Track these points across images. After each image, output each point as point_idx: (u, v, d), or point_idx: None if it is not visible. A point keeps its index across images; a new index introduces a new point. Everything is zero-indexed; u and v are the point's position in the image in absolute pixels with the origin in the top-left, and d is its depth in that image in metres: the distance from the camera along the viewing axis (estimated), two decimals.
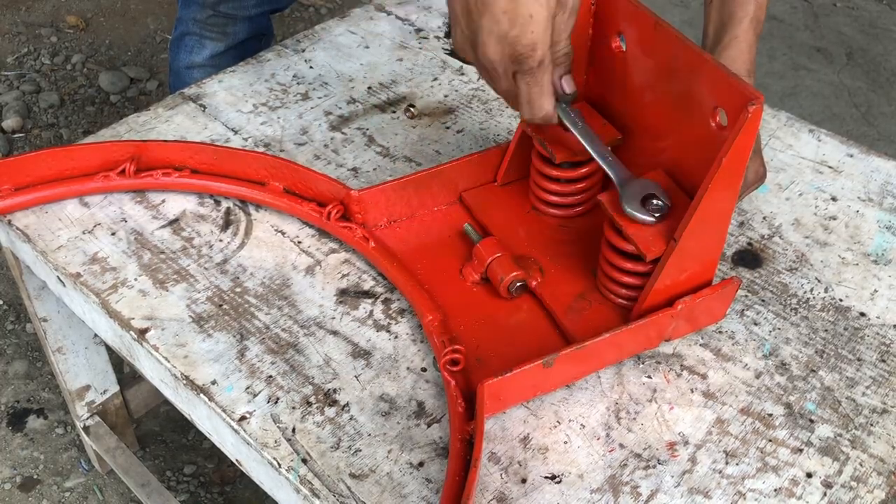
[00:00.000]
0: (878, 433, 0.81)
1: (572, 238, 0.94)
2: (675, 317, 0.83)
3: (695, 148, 0.79)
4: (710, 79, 0.74)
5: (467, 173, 0.97)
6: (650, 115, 0.84)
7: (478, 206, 0.97)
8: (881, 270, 0.96)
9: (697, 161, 0.78)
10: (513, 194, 0.98)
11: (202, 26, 1.50)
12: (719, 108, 0.74)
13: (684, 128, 0.80)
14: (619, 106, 0.88)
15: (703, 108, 0.75)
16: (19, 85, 2.21)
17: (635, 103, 0.85)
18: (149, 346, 0.85)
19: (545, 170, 0.93)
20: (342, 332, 0.87)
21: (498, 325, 0.87)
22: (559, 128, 0.86)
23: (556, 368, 0.79)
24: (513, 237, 0.94)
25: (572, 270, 0.91)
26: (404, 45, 1.24)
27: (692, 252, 0.79)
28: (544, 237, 0.94)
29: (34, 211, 0.97)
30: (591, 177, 0.93)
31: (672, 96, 0.80)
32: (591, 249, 0.90)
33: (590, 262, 0.90)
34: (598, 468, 0.78)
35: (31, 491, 1.45)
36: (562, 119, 0.82)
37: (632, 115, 0.87)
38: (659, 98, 0.82)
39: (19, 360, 1.63)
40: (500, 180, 0.98)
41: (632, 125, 0.87)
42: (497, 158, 0.97)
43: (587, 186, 0.94)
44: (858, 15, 2.68)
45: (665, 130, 0.83)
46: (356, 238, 0.93)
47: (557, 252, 0.93)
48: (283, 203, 0.96)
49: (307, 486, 0.75)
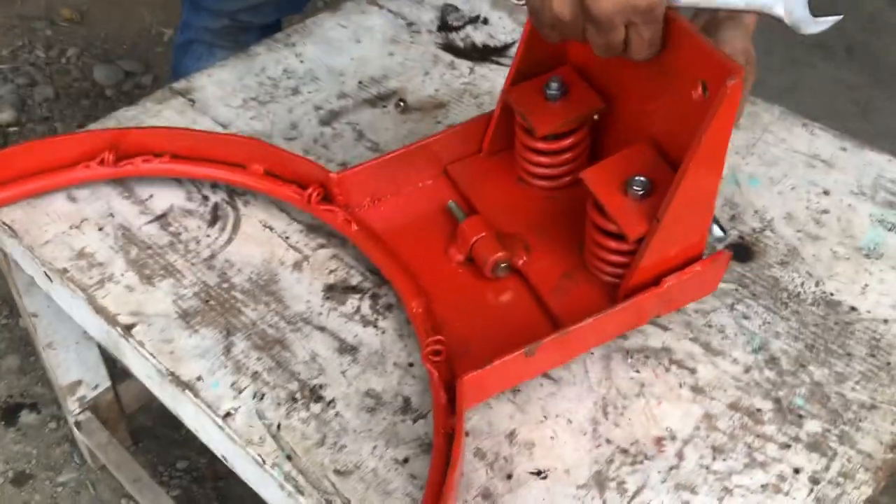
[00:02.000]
0: (867, 429, 0.81)
1: (561, 209, 0.92)
2: (662, 296, 0.82)
3: (679, 119, 0.77)
4: (691, 49, 0.73)
5: (451, 146, 0.95)
6: (634, 83, 0.83)
7: (463, 180, 0.95)
8: (873, 265, 0.95)
9: (682, 132, 0.76)
10: (499, 165, 0.96)
11: (214, 35, 1.48)
12: (700, 80, 0.73)
13: (668, 98, 0.78)
14: (604, 70, 0.87)
15: (685, 79, 0.74)
16: (14, 78, 2.20)
17: (620, 68, 0.84)
18: (135, 342, 0.85)
19: (529, 142, 0.91)
20: (329, 327, 0.87)
21: (483, 306, 0.86)
22: (542, 97, 0.87)
23: (539, 356, 0.78)
24: (499, 211, 0.92)
25: (560, 245, 0.89)
26: (396, 39, 1.23)
27: (677, 230, 0.78)
28: (531, 210, 0.93)
29: (21, 206, 0.96)
30: (577, 147, 0.91)
31: (655, 64, 0.78)
32: (579, 221, 0.88)
33: (578, 235, 0.89)
34: (584, 464, 0.77)
35: (24, 485, 1.45)
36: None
37: (616, 82, 0.85)
38: (643, 65, 0.80)
39: (12, 355, 1.63)
40: (486, 151, 0.96)
41: (616, 92, 0.86)
42: (482, 128, 0.95)
43: (574, 156, 0.92)
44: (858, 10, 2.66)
45: (649, 100, 0.81)
46: (338, 221, 0.91)
47: (545, 225, 0.91)
48: (264, 185, 0.95)
49: (292, 483, 0.75)
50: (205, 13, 1.46)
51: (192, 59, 1.51)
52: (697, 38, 0.72)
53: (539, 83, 0.89)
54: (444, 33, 1.24)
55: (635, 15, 0.71)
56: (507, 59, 1.20)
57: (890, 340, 0.88)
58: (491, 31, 1.24)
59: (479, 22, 1.26)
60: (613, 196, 0.80)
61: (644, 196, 0.79)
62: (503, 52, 1.21)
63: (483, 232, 0.87)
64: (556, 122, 0.87)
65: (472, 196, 0.94)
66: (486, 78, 1.17)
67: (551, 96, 0.88)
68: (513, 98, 0.89)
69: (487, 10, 1.28)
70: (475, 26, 1.25)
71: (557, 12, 0.72)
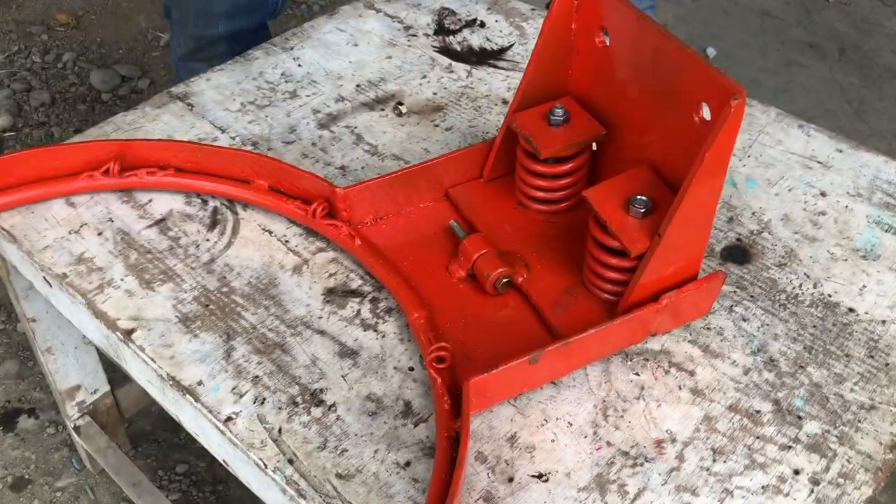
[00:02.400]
0: (866, 429, 0.81)
1: (558, 233, 0.94)
2: (660, 312, 0.83)
3: (679, 142, 0.78)
4: (693, 73, 0.74)
5: (453, 169, 0.97)
6: (634, 110, 0.84)
7: (464, 203, 0.96)
8: (870, 266, 0.96)
9: (681, 155, 0.78)
10: (499, 190, 0.98)
11: (194, 56, 1.49)
12: (702, 103, 0.74)
13: (668, 122, 0.80)
14: (604, 101, 0.88)
15: (687, 102, 0.75)
16: (10, 83, 2.20)
17: (619, 98, 0.85)
18: (135, 347, 0.85)
19: (531, 165, 0.93)
20: (329, 331, 0.87)
21: (484, 321, 0.87)
22: (545, 122, 0.87)
23: (543, 364, 0.79)
24: (499, 233, 0.94)
25: (558, 265, 0.91)
26: (393, 42, 1.23)
27: (677, 247, 0.80)
28: (530, 232, 0.94)
29: (20, 211, 0.96)
30: (577, 171, 0.93)
31: (656, 91, 0.79)
32: (577, 244, 0.90)
33: (576, 257, 0.90)
34: (585, 466, 0.78)
35: (23, 491, 1.45)
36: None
37: (616, 110, 0.87)
38: (643, 92, 0.82)
39: (10, 360, 1.62)
40: (486, 176, 0.98)
41: (616, 120, 0.87)
42: (483, 154, 0.97)
43: (573, 181, 0.94)
44: (851, 10, 2.67)
45: (649, 125, 0.83)
46: (342, 236, 0.92)
47: (544, 247, 0.92)
48: (268, 201, 0.96)
49: (293, 487, 0.75)
50: (175, 39, 1.51)
51: (191, 74, 1.52)
52: (699, 61, 0.73)
53: (542, 110, 0.91)
54: (442, 37, 1.24)
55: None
56: (504, 63, 1.20)
57: (888, 341, 0.89)
58: (488, 34, 1.25)
59: (476, 25, 1.26)
60: (616, 213, 0.81)
61: (645, 214, 0.80)
62: (500, 56, 1.21)
63: (485, 249, 0.88)
64: (559, 145, 0.89)
65: (473, 218, 0.95)
66: (484, 81, 1.17)
67: (555, 122, 0.90)
68: (517, 123, 0.90)
69: (484, 13, 1.28)
70: (472, 30, 1.25)
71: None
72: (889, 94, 2.39)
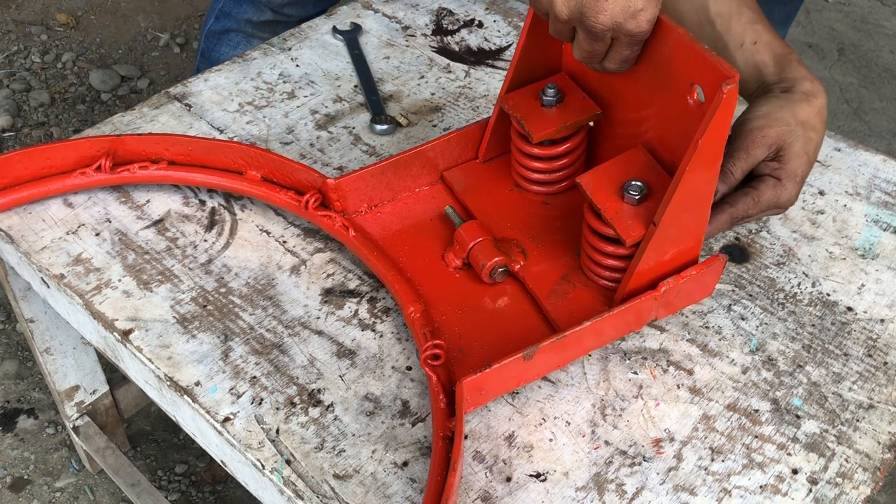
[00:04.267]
0: (864, 429, 0.81)
1: (556, 214, 0.93)
2: (659, 299, 0.82)
3: (674, 124, 0.77)
4: (686, 55, 0.73)
5: (448, 152, 0.96)
6: (629, 90, 0.83)
7: (459, 186, 0.95)
8: (868, 265, 0.96)
9: (677, 137, 0.77)
10: (495, 171, 0.97)
11: (256, 27, 1.46)
12: (696, 85, 0.73)
13: (663, 103, 0.79)
14: (598, 79, 0.87)
15: (680, 82, 0.75)
16: (9, 83, 2.20)
17: (614, 77, 0.84)
18: (132, 348, 0.85)
19: (525, 147, 0.91)
20: (327, 331, 0.87)
21: (481, 311, 0.86)
22: (538, 103, 0.88)
23: (538, 359, 0.78)
24: (495, 216, 0.93)
25: (556, 250, 0.89)
26: (391, 42, 1.23)
27: (673, 234, 0.79)
28: (527, 215, 0.93)
29: (17, 212, 0.96)
30: (573, 152, 0.92)
31: (650, 71, 0.78)
32: (575, 226, 0.89)
33: (574, 241, 0.89)
34: (583, 466, 0.78)
35: (22, 491, 1.45)
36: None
37: (611, 89, 0.86)
38: (637, 72, 0.81)
39: (9, 360, 1.62)
40: (482, 157, 0.97)
41: (611, 99, 0.86)
42: (478, 135, 0.96)
43: (569, 162, 0.92)
44: (850, 11, 2.67)
45: (644, 105, 0.82)
46: (336, 227, 0.92)
47: (541, 230, 0.91)
48: (261, 192, 0.95)
49: (291, 488, 0.75)
50: (247, 4, 1.45)
51: (228, 47, 1.48)
52: (692, 43, 0.72)
53: (535, 90, 0.89)
54: (440, 37, 1.24)
55: (624, 35, 0.76)
56: (502, 63, 1.20)
57: (886, 340, 0.89)
58: (486, 34, 1.25)
59: (474, 25, 1.26)
60: (610, 201, 0.80)
61: (640, 200, 0.79)
62: (498, 56, 1.21)
63: (480, 237, 0.87)
64: (552, 128, 0.87)
65: (469, 202, 0.94)
66: (482, 81, 1.17)
67: (547, 102, 0.88)
68: (509, 104, 0.89)
69: (482, 13, 1.28)
70: (470, 30, 1.25)
71: (557, 10, 0.76)
72: (888, 94, 2.39)
